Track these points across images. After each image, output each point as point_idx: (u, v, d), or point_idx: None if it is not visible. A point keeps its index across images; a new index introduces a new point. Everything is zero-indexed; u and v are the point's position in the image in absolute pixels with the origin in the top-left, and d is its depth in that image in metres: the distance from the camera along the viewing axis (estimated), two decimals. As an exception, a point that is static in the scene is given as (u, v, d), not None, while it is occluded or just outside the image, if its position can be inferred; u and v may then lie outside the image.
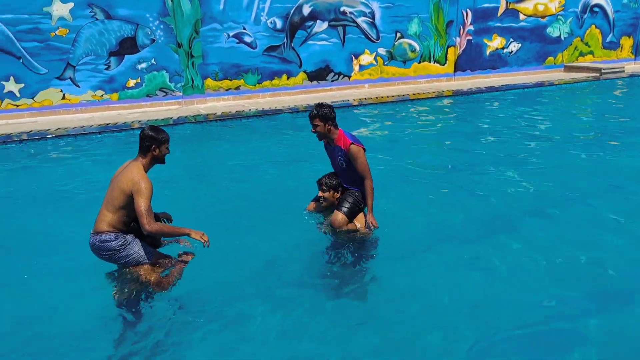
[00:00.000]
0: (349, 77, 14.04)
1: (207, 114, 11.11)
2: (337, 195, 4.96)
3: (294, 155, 8.16)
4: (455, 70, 15.45)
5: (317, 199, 5.14)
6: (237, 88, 12.79)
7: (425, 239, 5.25)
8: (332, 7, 13.32)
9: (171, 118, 10.83)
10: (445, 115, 11.56)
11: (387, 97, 12.96)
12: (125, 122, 10.45)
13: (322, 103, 4.76)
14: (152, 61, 11.80)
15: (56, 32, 10.85)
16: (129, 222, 4.12)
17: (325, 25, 13.37)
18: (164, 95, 12.10)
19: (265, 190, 6.53)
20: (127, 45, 11.49)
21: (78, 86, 11.32)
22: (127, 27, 11.39)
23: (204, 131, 10.18)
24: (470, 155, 8.12)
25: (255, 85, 12.96)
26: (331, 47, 13.58)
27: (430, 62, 15.03)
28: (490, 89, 13.98)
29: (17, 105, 10.92)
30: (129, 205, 4.00)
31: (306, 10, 13.05)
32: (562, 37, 16.83)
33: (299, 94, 13.34)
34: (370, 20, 13.87)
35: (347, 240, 4.83)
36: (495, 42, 15.81)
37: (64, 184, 7.06)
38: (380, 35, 14.09)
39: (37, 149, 8.93)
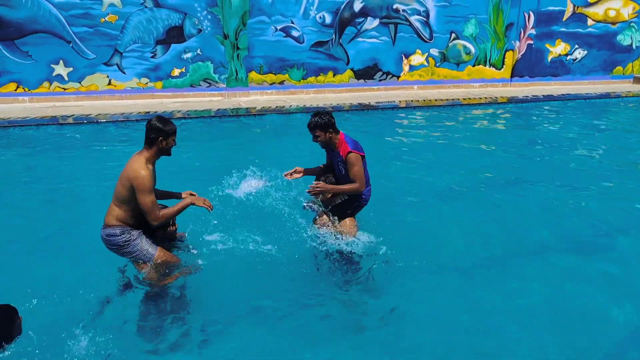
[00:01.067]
0: (398, 77, 13.52)
1: (248, 108, 10.91)
2: (329, 196, 4.80)
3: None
4: (512, 76, 14.61)
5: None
6: (281, 83, 12.55)
7: (451, 254, 4.80)
8: (385, 4, 12.83)
9: (211, 110, 10.70)
10: (497, 123, 10.88)
11: (437, 100, 12.37)
12: (165, 111, 10.40)
13: (319, 111, 4.64)
14: (198, 51, 11.72)
15: (106, 18, 10.95)
16: (136, 216, 3.99)
17: (376, 22, 12.91)
18: (208, 86, 12.01)
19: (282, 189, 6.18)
20: (174, 34, 11.46)
21: (124, 73, 11.39)
22: (175, 16, 11.35)
23: (242, 125, 9.98)
24: (518, 168, 7.50)
25: (299, 81, 12.67)
26: (381, 45, 13.11)
27: (485, 65, 14.27)
28: (549, 98, 13.10)
29: (65, 89, 11.10)
30: (132, 198, 3.89)
31: (357, 6, 12.62)
32: (634, 46, 15.60)
33: (344, 92, 12.95)
34: (424, 19, 13.28)
35: (334, 242, 4.66)
36: (558, 48, 14.84)
37: (99, 169, 7.00)
38: (434, 35, 13.47)
39: (81, 133, 8.98)
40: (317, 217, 4.85)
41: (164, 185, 4.38)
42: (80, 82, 11.17)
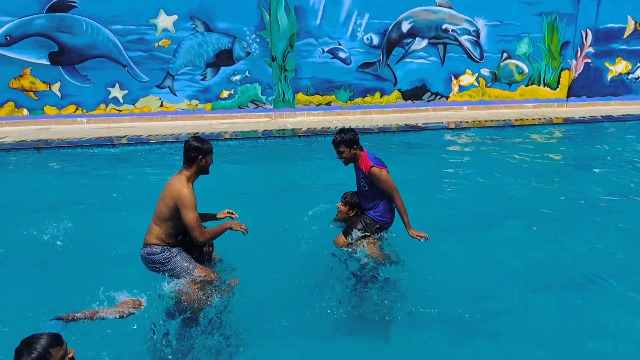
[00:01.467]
0: (447, 97, 13.26)
1: (294, 129, 10.96)
2: (352, 214, 4.89)
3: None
4: (568, 96, 14.03)
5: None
6: (328, 104, 12.56)
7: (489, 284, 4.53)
8: (434, 24, 12.67)
9: (258, 130, 10.82)
10: (551, 145, 10.42)
11: (487, 121, 12.01)
12: (213, 132, 10.60)
13: (344, 128, 4.71)
14: (246, 73, 11.94)
15: (159, 43, 11.35)
16: (177, 235, 4.08)
17: (424, 42, 12.76)
18: (255, 108, 12.18)
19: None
20: (224, 57, 11.73)
21: (175, 95, 11.74)
22: (224, 40, 11.64)
23: (287, 146, 10.02)
24: (574, 196, 7.08)
25: (346, 102, 12.65)
26: (429, 65, 12.92)
27: (539, 85, 13.78)
28: (609, 118, 12.45)
29: (120, 110, 11.55)
30: (174, 217, 3.97)
31: (405, 26, 12.53)
32: (703, 64, 14.66)
33: (390, 113, 12.81)
34: (475, 38, 13.01)
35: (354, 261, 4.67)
36: (619, 67, 14.15)
37: (148, 189, 7.17)
38: (485, 54, 13.16)
39: (133, 153, 9.26)
40: (338, 236, 4.88)
41: (209, 203, 4.42)
42: (134, 104, 11.59)
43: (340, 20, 12.14)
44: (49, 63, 11.03)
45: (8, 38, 10.73)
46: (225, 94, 11.97)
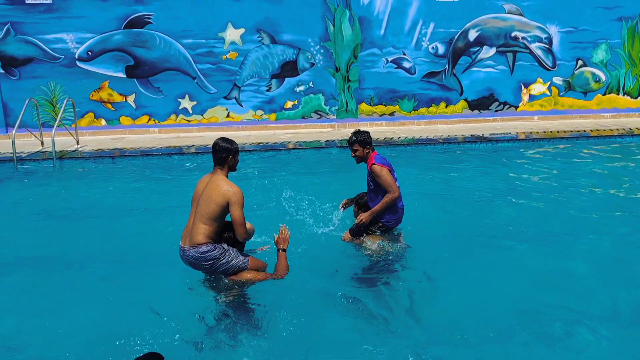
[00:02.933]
0: (516, 107, 12.76)
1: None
2: (361, 212, 5.21)
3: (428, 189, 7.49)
4: (651, 105, 13.11)
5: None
6: (392, 114, 12.45)
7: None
8: (502, 32, 12.28)
9: (321, 140, 10.88)
10: (631, 158, 9.75)
11: (560, 132, 11.44)
12: (276, 142, 10.77)
13: (359, 130, 5.12)
14: (310, 84, 12.07)
15: (227, 56, 11.72)
16: (222, 233, 4.28)
17: (492, 51, 12.38)
18: (318, 118, 12.28)
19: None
20: (288, 69, 11.93)
21: (241, 105, 12.05)
22: (289, 51, 11.84)
23: (349, 156, 9.98)
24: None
25: (410, 112, 12.48)
26: (498, 74, 12.51)
27: (618, 94, 12.97)
28: (698, 129, 11.50)
29: (189, 121, 11.99)
30: (223, 216, 4.19)
31: (472, 35, 12.22)
32: None
33: (456, 124, 12.49)
34: (546, 46, 12.48)
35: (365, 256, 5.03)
36: None
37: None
38: (557, 62, 12.58)
39: (200, 162, 9.58)
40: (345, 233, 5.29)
41: (272, 209, 4.51)
42: (202, 115, 12.00)
43: (405, 29, 12.03)
44: (125, 76, 11.66)
45: (89, 53, 11.46)
46: (289, 104, 12.15)
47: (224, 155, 4.23)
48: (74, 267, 5.20)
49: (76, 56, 11.46)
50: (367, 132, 5.04)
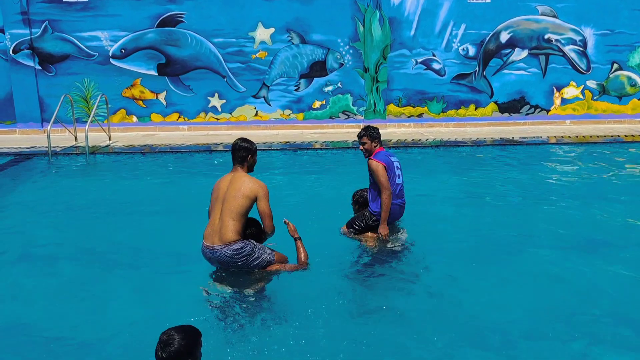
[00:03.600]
0: (548, 111, 12.53)
1: (384, 140, 10.87)
2: (361, 209, 5.45)
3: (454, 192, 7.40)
4: (689, 111, 12.70)
5: None
6: (420, 115, 12.36)
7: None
8: (535, 34, 12.07)
9: (348, 141, 10.88)
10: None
11: (593, 136, 11.19)
12: (304, 142, 10.82)
13: (369, 125, 5.44)
14: (339, 84, 12.08)
15: (257, 55, 11.82)
16: (247, 228, 4.38)
17: (524, 53, 12.18)
18: (346, 118, 12.27)
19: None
20: (317, 69, 11.96)
21: (269, 105, 12.14)
22: (318, 51, 11.87)
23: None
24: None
25: (439, 114, 12.37)
26: (529, 77, 12.30)
27: (655, 99, 12.61)
28: None
29: (218, 119, 12.13)
30: (248, 212, 4.31)
31: (504, 37, 12.05)
32: None
33: (485, 126, 12.32)
34: (581, 48, 12.21)
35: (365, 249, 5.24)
36: None
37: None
38: (592, 66, 12.30)
39: (228, 159, 9.65)
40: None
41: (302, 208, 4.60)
42: (231, 113, 12.13)
43: (436, 31, 11.93)
44: (156, 74, 11.87)
45: (123, 51, 11.70)
46: (317, 104, 12.19)
47: (244, 154, 4.37)
48: (103, 261, 5.31)
49: (110, 54, 11.72)
50: (376, 129, 5.33)
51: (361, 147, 5.29)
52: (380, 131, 5.40)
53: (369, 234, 5.35)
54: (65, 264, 5.27)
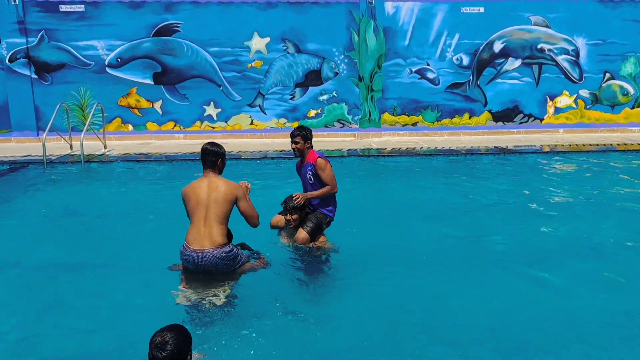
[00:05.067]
0: (541, 120, 12.64)
1: (379, 149, 10.95)
2: (296, 216, 5.32)
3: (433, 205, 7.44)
4: (681, 120, 12.84)
5: (285, 218, 5.48)
6: (414, 124, 12.44)
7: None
8: (528, 43, 12.20)
9: (342, 149, 10.93)
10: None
11: (586, 145, 11.28)
12: (299, 150, 10.85)
13: (302, 125, 5.54)
14: (334, 93, 12.16)
15: (252, 64, 11.90)
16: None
17: (518, 62, 12.30)
18: (341, 127, 12.34)
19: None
20: (312, 78, 12.05)
21: (265, 113, 12.20)
22: (314, 61, 11.96)
23: (370, 165, 10.02)
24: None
25: (433, 123, 12.45)
26: (523, 86, 12.42)
27: (647, 108, 12.75)
28: None
29: (213, 127, 12.18)
30: (229, 214, 4.45)
31: (497, 46, 12.17)
32: None
33: (479, 135, 12.41)
34: (573, 58, 12.35)
35: (310, 255, 5.25)
36: None
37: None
38: (584, 75, 12.43)
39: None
40: (295, 237, 5.36)
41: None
42: (226, 122, 12.18)
43: (430, 40, 12.05)
44: (152, 82, 11.92)
45: (119, 60, 11.76)
46: (312, 113, 12.25)
47: (213, 158, 4.47)
48: (97, 269, 5.30)
49: (106, 62, 11.77)
50: (309, 129, 5.42)
51: (293, 146, 5.35)
52: (375, 140, 5.50)
53: (320, 236, 5.41)
54: (59, 271, 5.27)
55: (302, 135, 5.33)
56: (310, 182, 5.36)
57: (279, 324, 4.12)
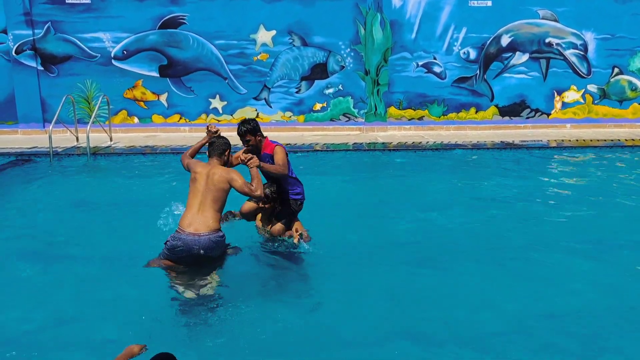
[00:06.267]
0: (548, 115, 12.55)
1: (384, 142, 10.91)
2: (267, 206, 5.16)
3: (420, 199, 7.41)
4: (690, 115, 12.72)
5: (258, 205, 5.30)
6: (420, 118, 12.39)
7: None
8: (536, 37, 12.10)
9: (348, 143, 10.90)
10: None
11: (594, 140, 11.21)
12: (304, 144, 10.84)
13: (245, 119, 5.08)
14: (340, 87, 12.12)
15: (258, 57, 11.87)
16: None
17: (525, 57, 12.21)
18: (347, 121, 12.30)
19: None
20: (318, 71, 12.01)
21: (270, 107, 12.18)
22: (320, 54, 11.91)
23: (377, 159, 9.99)
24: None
25: (439, 117, 12.39)
26: (530, 81, 12.32)
27: (656, 103, 12.63)
28: None
29: (219, 120, 12.17)
30: (225, 199, 4.63)
31: (505, 40, 12.08)
32: None
33: (485, 130, 12.34)
34: (582, 53, 12.24)
35: (286, 244, 5.20)
36: None
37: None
38: (593, 70, 12.32)
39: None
40: (271, 229, 5.23)
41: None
42: (232, 115, 12.17)
43: (437, 34, 11.97)
44: (158, 75, 11.92)
45: (125, 52, 11.75)
46: (318, 106, 12.22)
47: (224, 148, 4.75)
48: (103, 259, 5.33)
49: (112, 55, 11.77)
50: (254, 120, 5.04)
51: (247, 147, 4.95)
52: (381, 134, 5.38)
53: (296, 224, 5.25)
54: (66, 262, 5.28)
55: (249, 130, 4.92)
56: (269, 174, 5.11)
57: (269, 312, 4.23)
